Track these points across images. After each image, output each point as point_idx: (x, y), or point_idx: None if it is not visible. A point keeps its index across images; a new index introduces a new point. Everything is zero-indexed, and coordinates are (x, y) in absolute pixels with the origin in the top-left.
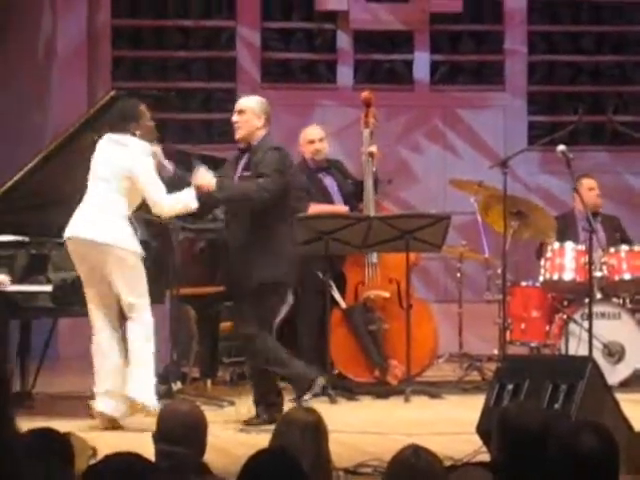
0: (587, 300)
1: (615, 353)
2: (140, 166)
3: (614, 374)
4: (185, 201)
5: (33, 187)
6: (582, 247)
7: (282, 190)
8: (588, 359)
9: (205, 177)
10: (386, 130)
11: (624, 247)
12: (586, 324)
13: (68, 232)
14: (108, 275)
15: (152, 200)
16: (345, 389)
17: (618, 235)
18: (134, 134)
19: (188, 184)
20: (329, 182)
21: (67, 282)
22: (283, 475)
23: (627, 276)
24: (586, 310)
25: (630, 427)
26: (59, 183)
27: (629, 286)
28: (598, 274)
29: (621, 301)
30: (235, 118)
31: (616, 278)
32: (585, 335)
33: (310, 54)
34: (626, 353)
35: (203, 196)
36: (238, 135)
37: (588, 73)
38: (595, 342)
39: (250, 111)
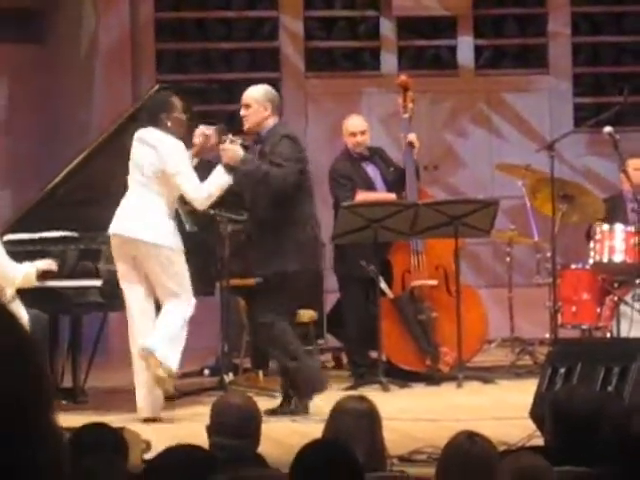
0: (638, 281)
1: None
2: (171, 166)
3: None
4: (219, 182)
5: (80, 183)
6: (632, 228)
7: (298, 177)
8: None
9: (233, 147)
10: (431, 116)
11: None
12: (637, 305)
13: (112, 228)
14: (150, 274)
15: (190, 197)
16: (397, 376)
17: None
18: (165, 125)
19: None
20: (372, 170)
21: (115, 276)
22: (336, 465)
23: None
24: (637, 291)
25: None
26: (106, 178)
27: None
28: None
29: None
30: (242, 112)
31: None
32: (637, 316)
33: (353, 42)
34: None
35: (226, 167)
36: (245, 127)
37: (632, 53)
38: None
39: (255, 102)
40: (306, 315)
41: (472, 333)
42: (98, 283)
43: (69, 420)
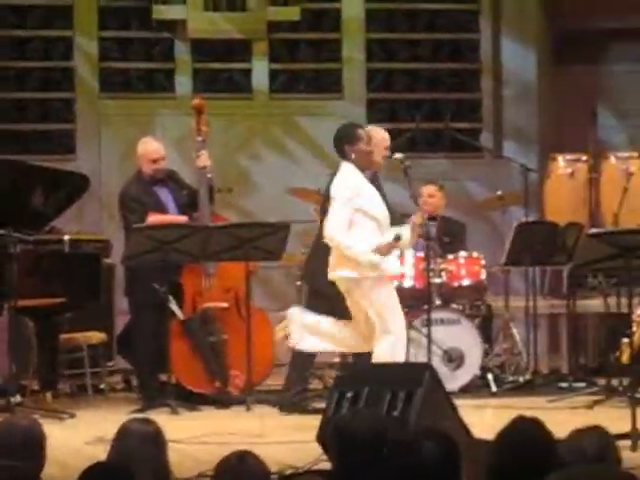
0: (427, 307)
1: (455, 359)
2: None
3: (454, 380)
4: None
5: None
6: (421, 254)
7: None
8: (426, 366)
9: None
10: (225, 139)
11: (463, 253)
12: (426, 330)
13: None
14: None
15: None
16: (186, 399)
17: (447, 239)
18: None
19: None
20: (164, 193)
21: None
22: None
23: (466, 282)
24: (425, 317)
25: (469, 433)
26: None
27: (468, 292)
28: (437, 280)
29: (460, 307)
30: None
31: (455, 284)
32: (425, 341)
33: (148, 63)
34: (465, 359)
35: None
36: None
37: (425, 80)
38: (435, 348)
39: None
40: (95, 337)
41: (262, 356)
42: None
43: None
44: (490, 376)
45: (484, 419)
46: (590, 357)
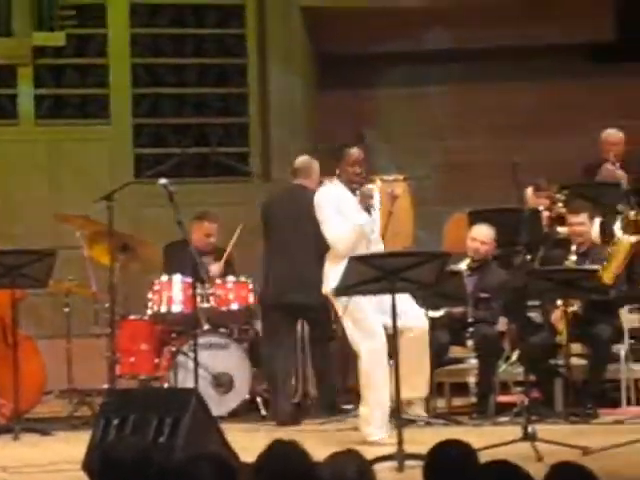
0: (196, 332)
1: (224, 383)
2: None
3: (223, 404)
4: None
5: None
6: (190, 279)
7: None
8: (192, 391)
9: None
10: None
11: (231, 278)
12: (193, 355)
13: None
14: None
15: None
16: None
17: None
18: None
19: None
20: None
21: None
22: None
23: (234, 306)
24: (193, 342)
25: (236, 457)
26: None
27: (236, 316)
28: (205, 305)
29: (229, 331)
30: None
31: (224, 309)
32: (193, 366)
33: None
34: (235, 383)
35: None
36: None
37: (192, 105)
38: (204, 373)
39: None
40: None
41: (30, 384)
42: None
43: None
44: (259, 400)
45: (254, 443)
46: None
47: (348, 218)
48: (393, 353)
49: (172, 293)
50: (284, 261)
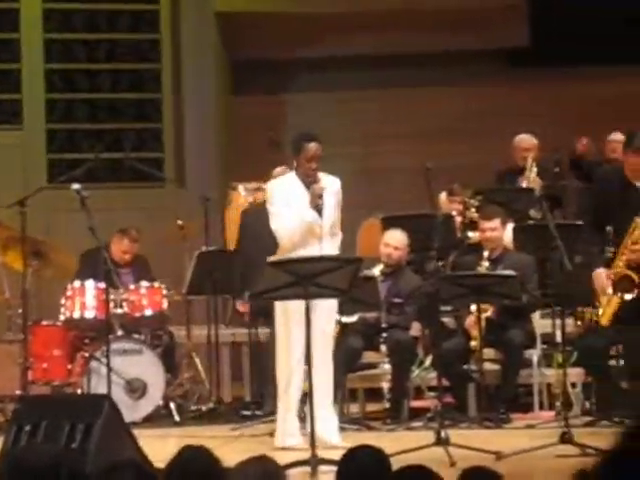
0: (110, 337)
1: (137, 389)
2: None
3: (137, 410)
4: None
5: None
6: (103, 285)
7: None
8: (105, 397)
9: None
10: None
11: (145, 284)
12: (105, 360)
13: None
14: None
15: None
16: None
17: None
18: None
19: None
20: None
21: None
22: None
23: (148, 312)
24: (105, 347)
25: (148, 463)
26: None
27: (150, 322)
28: (119, 311)
29: (143, 337)
30: None
31: (137, 314)
32: (106, 372)
33: None
34: (148, 389)
35: None
36: None
37: (106, 110)
38: (117, 379)
39: None
40: None
41: None
42: None
43: None
44: (173, 405)
45: (167, 449)
46: (272, 385)
47: (297, 213)
48: (307, 360)
49: (85, 299)
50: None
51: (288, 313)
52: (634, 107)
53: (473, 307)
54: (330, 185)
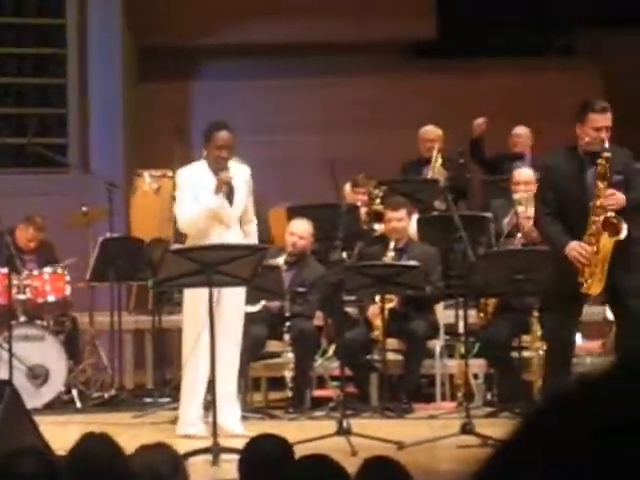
0: (15, 322)
1: (39, 376)
2: None
3: (39, 397)
4: None
5: None
6: (6, 270)
7: None
8: (7, 383)
9: None
10: None
11: (48, 269)
12: (7, 346)
13: None
14: None
15: None
16: None
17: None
18: None
19: None
20: None
21: None
22: None
23: (51, 298)
24: (9, 333)
25: (49, 450)
26: None
27: (53, 308)
28: (22, 297)
29: (45, 323)
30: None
31: (40, 300)
32: (7, 358)
33: None
34: (50, 375)
35: None
36: None
37: (11, 95)
38: (19, 365)
39: None
40: None
41: None
42: None
43: None
44: (75, 392)
45: (67, 436)
46: (175, 372)
47: (202, 200)
48: (211, 349)
49: None
50: None
51: (197, 300)
52: (540, 100)
53: (377, 297)
54: (241, 174)
